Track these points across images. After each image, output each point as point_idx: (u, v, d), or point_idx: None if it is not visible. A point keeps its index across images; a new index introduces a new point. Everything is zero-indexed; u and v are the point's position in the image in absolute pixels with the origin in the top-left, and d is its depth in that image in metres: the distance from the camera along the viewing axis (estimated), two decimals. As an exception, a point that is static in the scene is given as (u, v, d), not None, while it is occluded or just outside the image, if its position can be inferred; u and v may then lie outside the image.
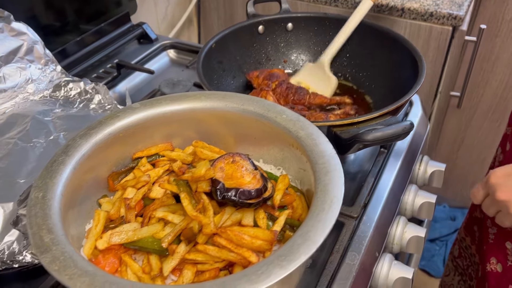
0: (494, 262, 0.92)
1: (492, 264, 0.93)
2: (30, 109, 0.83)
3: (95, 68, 1.07)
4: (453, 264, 1.23)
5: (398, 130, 0.62)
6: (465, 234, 1.16)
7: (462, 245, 1.18)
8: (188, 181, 0.55)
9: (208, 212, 0.51)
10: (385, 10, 1.22)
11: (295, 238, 0.45)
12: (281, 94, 0.86)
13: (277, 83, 0.87)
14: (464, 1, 1.19)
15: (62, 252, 0.44)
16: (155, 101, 0.65)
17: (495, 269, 0.92)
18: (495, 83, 1.68)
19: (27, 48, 0.87)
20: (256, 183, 0.54)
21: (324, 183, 0.51)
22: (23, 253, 0.59)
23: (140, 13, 1.25)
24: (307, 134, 0.58)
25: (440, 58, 1.23)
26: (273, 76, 0.89)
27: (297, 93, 0.85)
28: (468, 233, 1.14)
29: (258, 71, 0.93)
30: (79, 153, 0.57)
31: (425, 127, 0.95)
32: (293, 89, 0.86)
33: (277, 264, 0.42)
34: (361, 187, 0.77)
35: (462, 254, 1.17)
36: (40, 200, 0.50)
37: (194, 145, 0.64)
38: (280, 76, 0.90)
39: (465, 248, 1.16)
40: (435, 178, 0.91)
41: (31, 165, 0.71)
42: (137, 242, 0.51)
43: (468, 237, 1.14)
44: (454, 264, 1.22)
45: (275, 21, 0.95)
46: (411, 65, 0.81)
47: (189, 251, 0.50)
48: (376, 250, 0.69)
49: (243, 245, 0.49)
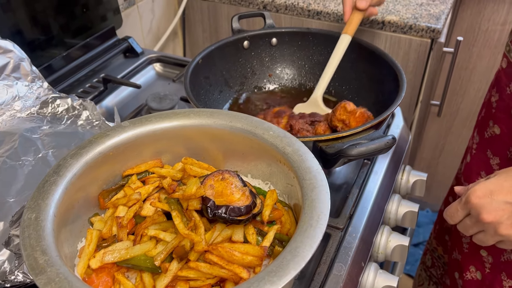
0: (473, 270, 0.95)
1: (472, 272, 0.96)
2: (18, 126, 0.83)
3: (81, 83, 1.08)
4: (426, 274, 1.25)
5: (381, 145, 0.65)
6: (437, 244, 1.19)
7: (434, 255, 1.21)
8: (179, 199, 0.56)
9: (199, 229, 0.52)
10: (366, 23, 1.25)
11: (284, 254, 0.47)
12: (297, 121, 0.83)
13: (287, 117, 0.85)
14: (442, 14, 1.24)
15: (57, 273, 0.45)
16: (145, 119, 0.66)
17: (475, 277, 0.95)
18: (473, 91, 1.73)
19: (14, 65, 0.87)
20: (245, 200, 0.56)
21: (311, 199, 0.53)
22: (15, 273, 0.59)
23: (125, 27, 1.26)
24: (293, 150, 0.60)
25: (420, 69, 1.27)
26: (280, 113, 0.87)
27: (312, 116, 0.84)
28: (439, 243, 1.17)
29: (261, 115, 0.90)
30: (70, 172, 0.57)
31: (407, 137, 0.98)
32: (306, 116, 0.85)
33: (268, 280, 0.44)
34: (346, 198, 0.79)
35: (435, 264, 1.20)
36: (33, 221, 0.50)
37: (183, 162, 0.65)
38: (286, 111, 0.88)
39: (438, 258, 1.19)
40: (418, 187, 0.94)
41: (20, 183, 0.71)
42: (130, 260, 0.52)
43: (440, 247, 1.17)
44: (428, 274, 1.24)
45: (260, 37, 0.97)
46: (392, 78, 0.84)
47: (182, 268, 0.51)
48: (362, 260, 0.71)
49: (234, 261, 0.50)
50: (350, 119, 0.78)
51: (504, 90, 0.86)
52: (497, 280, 0.90)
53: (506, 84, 0.85)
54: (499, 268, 0.90)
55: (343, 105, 0.79)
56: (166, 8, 1.46)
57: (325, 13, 1.28)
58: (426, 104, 1.42)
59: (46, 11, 1.01)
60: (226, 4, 1.40)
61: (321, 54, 0.99)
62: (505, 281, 0.88)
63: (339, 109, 0.79)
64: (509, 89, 0.84)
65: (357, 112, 0.78)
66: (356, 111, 0.78)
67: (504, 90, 0.86)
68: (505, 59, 0.86)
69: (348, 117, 0.78)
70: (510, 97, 0.84)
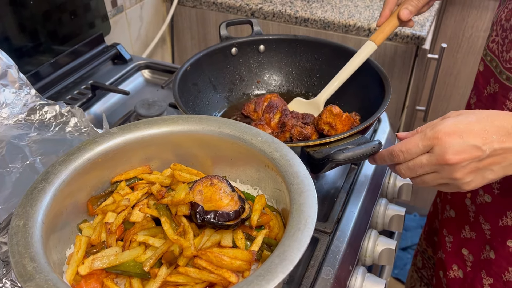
0: (456, 268, 0.96)
1: (454, 270, 0.97)
2: (5, 133, 0.83)
3: (69, 89, 1.08)
4: (417, 275, 1.26)
5: (367, 150, 0.66)
6: (426, 245, 1.20)
7: (424, 256, 1.22)
8: (168, 205, 0.57)
9: (188, 235, 0.53)
10: (353, 30, 1.27)
11: (272, 258, 0.47)
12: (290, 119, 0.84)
13: (280, 116, 0.85)
14: (426, 21, 1.26)
15: (46, 280, 0.45)
16: (133, 125, 0.66)
17: (458, 275, 0.97)
18: (458, 96, 1.76)
19: (1, 72, 0.87)
20: (234, 205, 0.56)
21: (299, 203, 0.53)
22: (3, 280, 0.59)
23: (113, 34, 1.26)
24: (281, 155, 0.61)
25: (406, 75, 1.29)
26: (272, 107, 0.86)
27: (305, 117, 0.85)
28: (429, 244, 1.18)
29: (253, 104, 0.90)
30: (59, 179, 0.57)
31: (393, 142, 0.99)
32: (299, 116, 0.85)
33: (257, 284, 0.44)
34: (333, 203, 0.80)
35: (425, 265, 1.21)
36: (21, 228, 0.50)
37: (172, 168, 0.66)
38: (278, 105, 0.87)
39: (428, 259, 1.20)
40: (404, 191, 0.95)
41: (7, 191, 0.71)
42: (119, 266, 0.52)
43: (430, 248, 1.18)
44: (419, 275, 1.25)
45: (248, 43, 0.98)
46: (378, 84, 0.85)
47: (171, 273, 0.51)
48: (350, 264, 0.72)
49: (223, 266, 0.51)
50: (336, 122, 0.79)
51: (481, 92, 0.88)
52: (477, 278, 0.91)
53: (483, 86, 0.87)
54: (479, 266, 0.91)
55: (329, 109, 0.80)
56: (154, 15, 1.46)
57: (312, 20, 1.30)
58: (412, 109, 1.44)
59: (34, 18, 1.01)
60: (214, 11, 1.42)
61: (308, 60, 1.00)
62: (485, 279, 0.90)
63: (325, 112, 0.80)
64: (486, 92, 0.86)
65: (343, 115, 0.80)
66: (342, 114, 0.80)
67: (481, 92, 0.88)
68: (482, 63, 0.88)
69: (334, 120, 0.79)
70: (487, 99, 0.86)
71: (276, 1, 1.38)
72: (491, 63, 0.83)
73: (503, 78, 0.80)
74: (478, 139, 0.58)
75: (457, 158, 0.58)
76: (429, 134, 0.61)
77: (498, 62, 0.81)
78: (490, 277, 0.89)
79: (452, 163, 0.59)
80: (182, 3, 1.44)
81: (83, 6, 1.12)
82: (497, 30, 0.81)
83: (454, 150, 0.58)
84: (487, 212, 0.88)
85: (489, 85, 0.85)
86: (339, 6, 1.35)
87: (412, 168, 0.63)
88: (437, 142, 0.60)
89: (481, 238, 0.91)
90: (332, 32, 1.29)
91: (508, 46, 0.78)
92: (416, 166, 0.62)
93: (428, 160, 0.61)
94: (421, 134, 0.62)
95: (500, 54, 0.80)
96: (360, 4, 1.37)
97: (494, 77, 0.82)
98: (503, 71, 0.80)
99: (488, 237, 0.89)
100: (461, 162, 0.59)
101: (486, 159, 0.59)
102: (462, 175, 0.60)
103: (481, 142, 0.58)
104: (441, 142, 0.59)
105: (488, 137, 0.58)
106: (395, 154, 0.64)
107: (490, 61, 0.84)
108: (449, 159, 0.59)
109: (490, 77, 0.84)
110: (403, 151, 0.63)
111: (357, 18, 1.27)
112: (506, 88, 0.80)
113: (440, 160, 0.59)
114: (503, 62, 0.80)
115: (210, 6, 1.41)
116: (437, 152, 0.60)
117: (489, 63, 0.84)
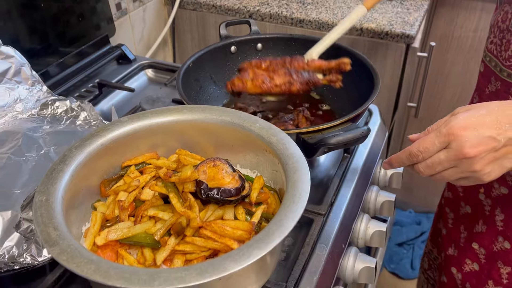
0: (470, 262, 0.99)
1: (468, 264, 0.99)
2: (20, 126, 0.88)
3: (77, 87, 1.14)
4: (424, 277, 1.28)
5: (357, 134, 0.72)
6: (432, 246, 1.22)
7: (430, 257, 1.24)
8: (175, 183, 0.62)
9: (194, 208, 0.59)
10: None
11: (270, 225, 0.53)
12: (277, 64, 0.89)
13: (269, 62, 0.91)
14: (416, 21, 1.32)
15: (69, 245, 0.50)
16: (142, 114, 0.72)
17: (473, 268, 0.98)
18: (449, 95, 1.83)
19: (15, 70, 0.93)
20: (235, 183, 0.62)
21: (294, 180, 0.59)
22: (24, 255, 0.65)
23: (118, 35, 1.33)
24: (278, 140, 0.66)
25: (397, 72, 1.35)
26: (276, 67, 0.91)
27: (293, 60, 0.90)
28: (434, 245, 1.21)
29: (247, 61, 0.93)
30: (75, 162, 0.63)
31: (384, 134, 1.05)
32: (288, 58, 0.91)
33: (256, 247, 0.50)
34: (327, 188, 0.85)
35: (432, 266, 1.23)
36: (44, 203, 0.56)
37: (177, 153, 0.71)
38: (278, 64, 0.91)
39: (434, 260, 1.22)
40: (394, 179, 1.01)
41: (25, 177, 0.77)
42: (131, 238, 0.58)
43: (435, 248, 1.20)
44: (425, 277, 1.28)
45: (246, 42, 1.04)
46: (368, 79, 0.91)
47: (179, 243, 0.57)
48: (342, 242, 0.78)
49: (225, 235, 0.56)
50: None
51: (483, 91, 0.91)
52: (494, 268, 0.93)
53: (484, 86, 0.90)
54: (494, 258, 0.94)
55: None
56: (156, 18, 1.53)
57: (307, 21, 1.36)
58: (404, 105, 1.50)
59: (44, 21, 1.07)
60: (213, 14, 1.48)
61: (303, 58, 1.06)
62: (502, 268, 0.92)
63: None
64: (488, 90, 0.89)
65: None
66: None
67: (483, 91, 0.91)
68: (482, 64, 0.91)
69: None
70: (489, 97, 0.89)
71: (273, 3, 1.44)
72: (491, 63, 0.87)
73: (504, 75, 0.83)
74: (492, 130, 0.60)
75: (475, 151, 0.60)
76: (444, 130, 0.62)
77: (497, 61, 0.84)
78: (508, 266, 0.92)
79: (471, 156, 0.60)
80: (183, 6, 1.51)
81: (90, 9, 1.19)
82: (495, 32, 0.85)
83: (471, 144, 0.60)
84: (504, 204, 0.90)
85: (490, 83, 0.88)
86: (333, 8, 1.41)
87: (431, 165, 0.65)
88: (453, 138, 0.61)
89: (493, 230, 0.94)
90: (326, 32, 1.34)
91: (506, 45, 0.81)
92: (435, 163, 0.64)
93: (447, 156, 0.62)
94: (436, 132, 0.63)
95: (499, 54, 0.84)
96: (353, 5, 1.43)
97: (495, 76, 0.85)
98: (503, 69, 0.83)
99: (500, 228, 0.92)
100: (479, 154, 0.60)
101: (502, 149, 0.61)
102: (481, 167, 0.61)
103: (496, 133, 0.60)
104: (457, 137, 0.61)
105: (502, 127, 0.60)
106: (413, 154, 0.66)
107: (490, 61, 0.87)
108: (467, 153, 0.60)
109: (490, 76, 0.87)
110: (421, 150, 0.64)
111: (350, 19, 1.33)
112: (507, 84, 0.83)
113: (458, 155, 0.61)
114: (502, 60, 0.83)
115: (209, 9, 1.47)
116: (454, 147, 0.61)
117: (488, 63, 0.88)
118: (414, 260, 2.03)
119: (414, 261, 2.02)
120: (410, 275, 1.99)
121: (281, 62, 0.91)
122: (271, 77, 0.87)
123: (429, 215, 2.17)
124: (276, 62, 0.91)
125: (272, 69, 0.89)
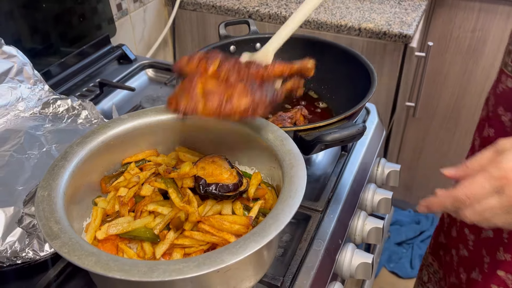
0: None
1: None
2: (22, 124, 0.90)
3: (78, 87, 1.15)
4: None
5: (353, 131, 0.73)
6: (432, 260, 1.20)
7: (430, 270, 1.22)
8: (174, 179, 0.64)
9: (193, 203, 0.60)
10: (344, 30, 1.35)
11: (267, 219, 0.54)
12: (230, 71, 0.64)
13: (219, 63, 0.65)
14: (413, 21, 1.34)
15: (70, 238, 0.52)
16: (142, 112, 0.73)
17: None
18: (447, 95, 1.84)
19: (17, 69, 0.94)
20: (233, 179, 0.63)
21: (290, 176, 0.60)
22: (26, 250, 0.66)
23: (119, 35, 1.34)
24: (275, 137, 0.68)
25: (395, 72, 1.36)
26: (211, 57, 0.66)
27: (250, 66, 0.66)
28: (435, 259, 1.19)
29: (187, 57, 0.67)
30: (76, 158, 0.64)
31: (381, 132, 1.06)
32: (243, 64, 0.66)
33: (253, 240, 0.51)
34: (325, 185, 0.87)
35: (431, 279, 1.22)
36: (46, 197, 0.57)
37: (177, 150, 0.73)
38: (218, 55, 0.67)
39: (434, 273, 1.20)
40: (391, 177, 1.02)
41: (27, 174, 0.78)
42: (131, 232, 0.59)
43: (436, 262, 1.19)
44: None
45: (245, 42, 1.06)
46: (365, 77, 0.92)
47: (177, 237, 0.58)
48: (339, 238, 0.79)
49: (223, 229, 0.58)
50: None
51: None
52: None
53: None
54: None
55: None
56: (157, 18, 1.54)
57: (306, 21, 1.37)
58: (402, 105, 1.52)
59: (45, 21, 1.08)
60: (213, 14, 1.49)
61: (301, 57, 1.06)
62: None
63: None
64: None
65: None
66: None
67: None
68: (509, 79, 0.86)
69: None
70: None
71: (272, 3, 1.46)
72: None
73: None
74: None
75: None
76: (496, 174, 0.56)
77: None
78: None
79: None
80: (183, 6, 1.52)
81: (91, 10, 1.20)
82: None
83: None
84: None
85: None
86: (332, 8, 1.43)
87: (480, 213, 0.58)
88: (507, 182, 0.55)
89: None
90: (325, 32, 1.37)
91: None
92: (485, 210, 0.58)
93: (500, 203, 0.57)
94: (486, 175, 0.57)
95: None
96: (351, 6, 1.45)
97: None
98: None
99: None
100: None
101: None
102: None
103: None
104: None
105: None
106: (460, 200, 0.59)
107: None
108: None
109: None
110: (469, 196, 0.58)
111: (348, 19, 1.35)
112: None
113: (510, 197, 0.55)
114: None
115: (209, 9, 1.48)
116: (509, 194, 0.56)
117: None
118: (413, 259, 2.04)
119: (413, 260, 2.04)
120: (409, 274, 2.00)
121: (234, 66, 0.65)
122: (229, 96, 0.61)
123: (429, 215, 2.18)
124: (228, 65, 0.65)
125: (224, 77, 0.63)
